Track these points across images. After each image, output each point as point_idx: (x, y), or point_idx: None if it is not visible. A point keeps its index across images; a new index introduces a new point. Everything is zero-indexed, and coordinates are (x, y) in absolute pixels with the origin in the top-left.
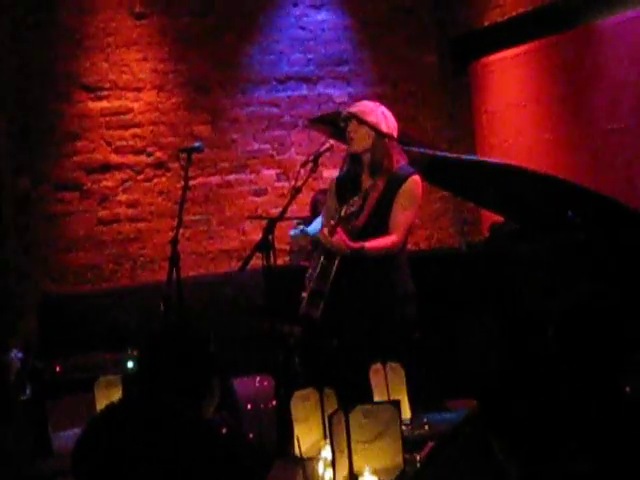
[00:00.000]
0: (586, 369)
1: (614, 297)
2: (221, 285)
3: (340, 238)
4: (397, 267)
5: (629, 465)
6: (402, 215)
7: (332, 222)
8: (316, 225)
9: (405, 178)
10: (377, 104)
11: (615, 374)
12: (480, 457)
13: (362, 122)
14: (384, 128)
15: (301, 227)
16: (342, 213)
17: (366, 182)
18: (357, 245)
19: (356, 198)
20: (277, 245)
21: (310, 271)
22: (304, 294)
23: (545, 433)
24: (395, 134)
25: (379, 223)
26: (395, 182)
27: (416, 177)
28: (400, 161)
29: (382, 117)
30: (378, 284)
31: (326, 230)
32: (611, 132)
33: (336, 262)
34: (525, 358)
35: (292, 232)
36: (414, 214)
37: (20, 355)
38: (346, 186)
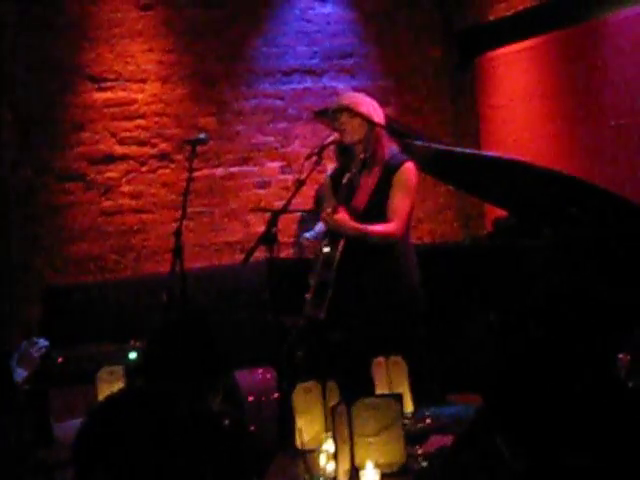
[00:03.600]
0: (589, 363)
1: (616, 290)
2: (224, 277)
3: (343, 217)
4: (403, 257)
5: (634, 460)
6: (399, 202)
7: (334, 201)
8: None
9: (399, 165)
10: (364, 95)
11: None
12: (486, 453)
13: (355, 114)
14: (376, 118)
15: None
16: (345, 180)
17: (361, 173)
18: (361, 227)
19: (353, 169)
20: (281, 238)
21: (313, 269)
22: (307, 295)
23: (551, 428)
24: (383, 123)
25: (379, 210)
26: (390, 169)
27: (409, 164)
28: (391, 148)
29: (372, 108)
30: (384, 274)
31: (329, 209)
32: (617, 127)
33: (339, 249)
34: (526, 353)
35: (308, 235)
36: (411, 201)
37: (46, 343)
38: (339, 183)
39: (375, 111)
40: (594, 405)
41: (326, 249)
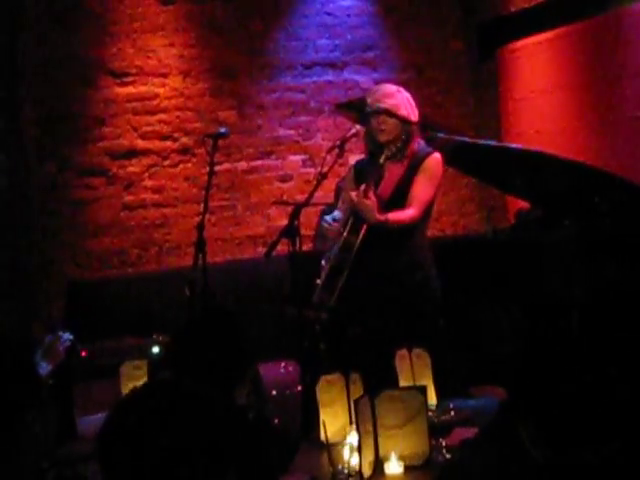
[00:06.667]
0: (612, 354)
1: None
2: (247, 271)
3: (373, 203)
4: (421, 249)
5: None
6: (421, 190)
7: (355, 187)
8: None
9: (426, 156)
10: (399, 90)
11: None
12: (508, 444)
13: (393, 116)
14: (413, 118)
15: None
16: (381, 160)
17: (390, 161)
18: (382, 217)
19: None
20: (303, 231)
21: (327, 254)
22: (318, 281)
23: (572, 419)
24: (418, 119)
25: (403, 199)
26: (417, 160)
27: (436, 155)
28: (419, 142)
29: (410, 107)
30: (401, 264)
31: (360, 191)
32: (638, 119)
33: (360, 235)
34: (550, 344)
35: (329, 218)
36: (433, 191)
37: (70, 337)
38: (367, 172)
39: (412, 109)
40: (619, 395)
41: (346, 234)
